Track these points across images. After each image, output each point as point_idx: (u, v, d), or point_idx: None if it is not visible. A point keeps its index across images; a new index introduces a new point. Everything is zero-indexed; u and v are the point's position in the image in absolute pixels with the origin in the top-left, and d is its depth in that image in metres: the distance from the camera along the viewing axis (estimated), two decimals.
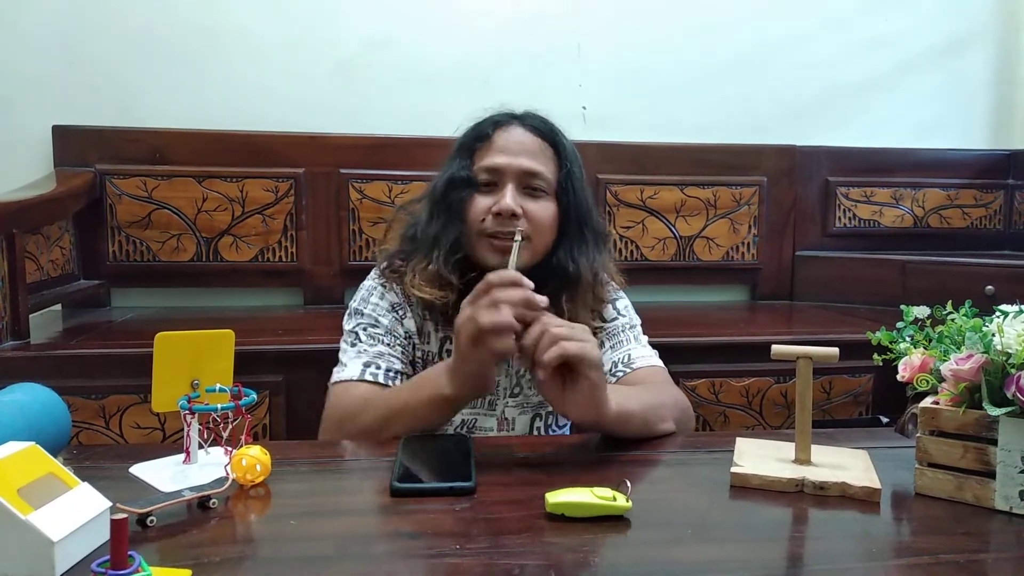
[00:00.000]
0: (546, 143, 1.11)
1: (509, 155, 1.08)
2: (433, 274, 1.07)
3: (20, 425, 0.78)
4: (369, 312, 1.11)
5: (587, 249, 1.11)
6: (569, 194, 1.10)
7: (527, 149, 1.09)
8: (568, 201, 1.10)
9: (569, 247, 1.10)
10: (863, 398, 1.83)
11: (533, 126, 1.12)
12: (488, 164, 1.08)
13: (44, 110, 2.08)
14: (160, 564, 0.59)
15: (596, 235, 1.14)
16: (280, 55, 2.21)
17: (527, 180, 1.07)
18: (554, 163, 1.11)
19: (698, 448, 0.93)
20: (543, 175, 1.08)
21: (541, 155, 1.10)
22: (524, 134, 1.10)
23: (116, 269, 2.10)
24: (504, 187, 1.06)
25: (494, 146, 1.09)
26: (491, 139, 1.10)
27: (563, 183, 1.10)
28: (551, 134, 1.12)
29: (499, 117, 1.13)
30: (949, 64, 2.55)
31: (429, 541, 0.65)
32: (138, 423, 1.56)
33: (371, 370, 1.05)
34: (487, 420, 1.14)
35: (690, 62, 2.41)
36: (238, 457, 0.77)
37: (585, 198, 1.13)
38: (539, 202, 1.08)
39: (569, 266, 1.09)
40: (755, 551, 0.64)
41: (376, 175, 2.19)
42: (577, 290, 1.09)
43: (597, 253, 1.13)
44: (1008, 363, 0.70)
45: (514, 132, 1.10)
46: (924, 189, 2.52)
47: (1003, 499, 0.71)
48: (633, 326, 1.18)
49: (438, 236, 1.09)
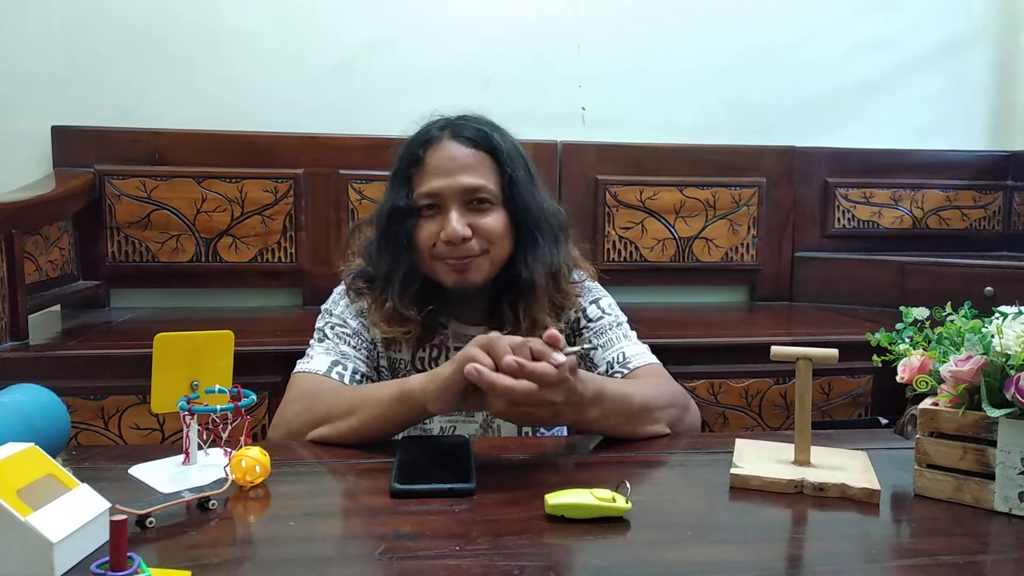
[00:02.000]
0: (482, 152, 1.06)
1: (446, 176, 1.03)
2: (391, 312, 1.06)
3: (19, 426, 0.78)
4: (338, 313, 1.12)
5: (542, 252, 1.08)
6: (516, 200, 1.06)
7: (463, 165, 1.04)
8: (515, 207, 1.06)
9: (522, 254, 1.07)
10: (862, 399, 1.83)
11: (466, 136, 1.06)
12: (426, 190, 1.03)
13: (43, 110, 2.08)
14: (159, 565, 0.59)
15: (553, 232, 1.10)
16: (280, 56, 2.21)
17: (469, 196, 1.04)
18: (494, 172, 1.06)
19: (697, 449, 0.93)
20: (485, 187, 1.04)
21: (479, 167, 1.05)
22: (458, 148, 1.05)
23: (115, 270, 2.09)
24: (448, 211, 1.03)
25: (428, 168, 1.04)
26: (423, 161, 1.05)
27: (507, 190, 1.06)
28: (486, 141, 1.06)
29: (431, 132, 1.07)
30: (948, 65, 2.56)
31: (429, 542, 0.65)
32: (137, 424, 1.56)
33: (338, 369, 1.05)
34: (467, 427, 1.13)
35: (689, 63, 2.41)
36: (237, 458, 0.77)
37: (534, 199, 1.08)
38: (488, 215, 1.04)
39: (522, 273, 1.06)
40: (754, 552, 0.64)
41: (376, 176, 2.19)
42: (534, 296, 1.07)
43: (555, 251, 1.10)
44: (1007, 364, 0.70)
45: (447, 149, 1.05)
46: (923, 190, 2.52)
47: (1002, 500, 0.71)
48: (620, 323, 1.16)
49: (390, 272, 1.06)
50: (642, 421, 0.94)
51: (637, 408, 0.94)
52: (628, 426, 0.93)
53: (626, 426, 0.93)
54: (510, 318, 1.08)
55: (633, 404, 0.93)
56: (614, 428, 0.92)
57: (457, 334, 1.13)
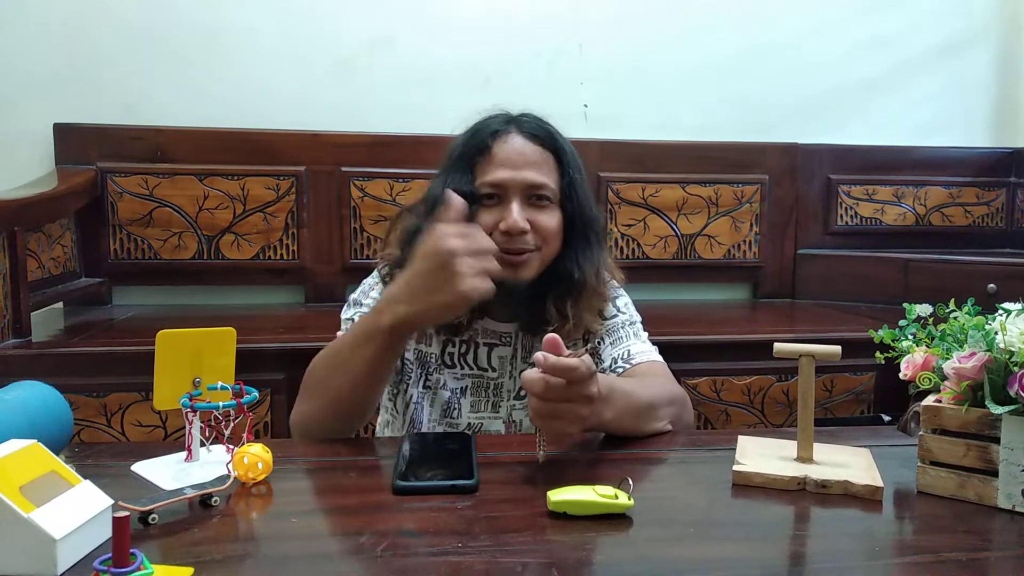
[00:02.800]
0: (547, 151, 1.08)
1: (512, 169, 1.04)
2: None
3: (22, 423, 0.78)
4: (368, 304, 1.11)
5: (591, 253, 1.10)
6: (573, 201, 1.08)
7: (530, 161, 1.06)
8: (572, 208, 1.08)
9: (574, 253, 1.09)
10: (865, 396, 1.83)
11: (532, 133, 1.08)
12: (491, 180, 1.05)
13: (45, 108, 2.08)
14: (162, 562, 0.59)
15: (598, 235, 1.13)
16: (282, 53, 2.21)
17: (532, 191, 1.05)
18: (556, 171, 1.08)
19: (700, 446, 0.93)
20: (547, 186, 1.06)
21: (544, 165, 1.07)
22: (524, 143, 1.07)
23: (117, 267, 2.10)
24: (509, 202, 1.04)
25: (495, 159, 1.05)
26: (491, 151, 1.06)
27: (566, 191, 1.08)
28: (551, 140, 1.09)
29: (497, 125, 1.08)
30: (951, 63, 2.55)
31: (431, 539, 0.64)
32: (140, 421, 1.56)
33: None
34: (493, 423, 1.14)
35: (691, 61, 2.41)
36: (240, 455, 0.76)
37: (588, 202, 1.11)
38: (545, 212, 1.06)
39: (575, 272, 1.08)
40: (757, 549, 0.64)
41: (377, 173, 2.19)
42: (582, 295, 1.09)
43: (599, 253, 1.13)
44: (1011, 361, 0.70)
45: (514, 142, 1.06)
46: (926, 187, 2.52)
47: (1006, 497, 0.71)
48: (633, 323, 1.17)
49: None
50: (648, 419, 0.95)
51: (644, 406, 0.94)
52: (636, 424, 0.93)
53: (634, 424, 0.93)
54: (555, 316, 1.08)
55: (641, 402, 0.94)
56: (624, 427, 0.92)
57: (486, 330, 1.13)
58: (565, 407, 0.78)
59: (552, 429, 0.80)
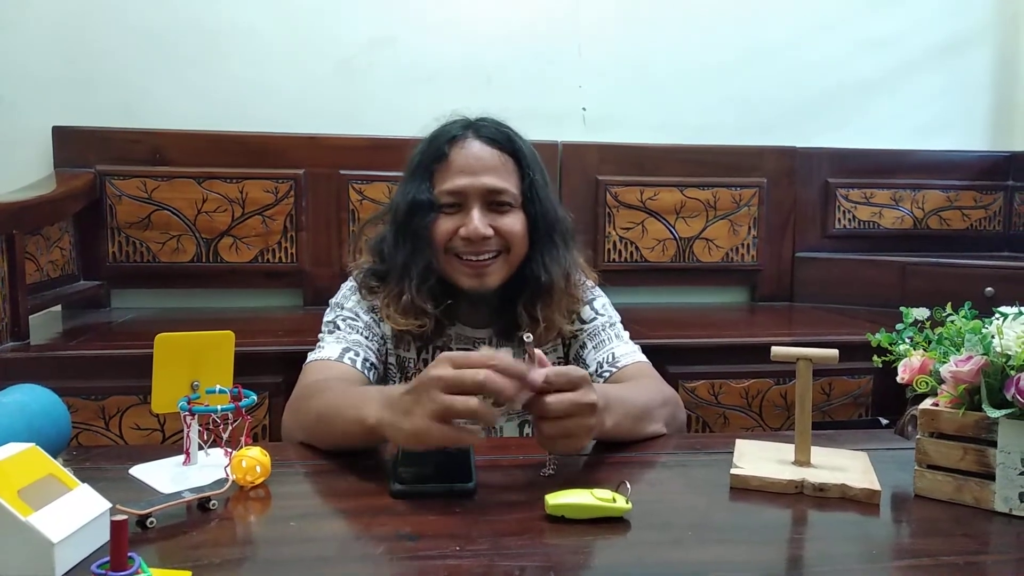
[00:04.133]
0: (506, 155, 1.07)
1: (470, 175, 1.04)
2: (408, 304, 1.06)
3: (20, 426, 0.78)
4: (349, 307, 1.11)
5: (557, 254, 1.09)
6: (535, 203, 1.08)
7: (488, 166, 1.05)
8: (535, 210, 1.08)
9: (540, 256, 1.08)
10: (863, 400, 1.83)
11: (490, 137, 1.07)
12: (450, 187, 1.05)
13: (44, 111, 2.08)
14: (160, 565, 0.59)
15: (564, 236, 1.12)
16: (280, 56, 2.21)
17: (492, 197, 1.05)
18: (516, 175, 1.07)
19: (698, 449, 0.93)
20: (508, 191, 1.06)
21: (503, 169, 1.06)
22: (482, 148, 1.06)
23: (116, 270, 2.10)
24: (470, 209, 1.04)
25: (453, 166, 1.05)
26: (448, 158, 1.06)
27: (528, 193, 1.08)
28: (510, 143, 1.08)
29: (454, 131, 1.08)
30: (949, 65, 2.56)
31: (429, 542, 0.65)
32: (138, 424, 1.56)
33: (349, 355, 1.05)
34: (507, 427, 1.14)
35: (690, 63, 2.41)
36: (238, 458, 0.77)
37: (551, 203, 1.10)
38: (507, 216, 1.06)
39: (542, 275, 1.07)
40: (755, 553, 0.64)
41: (376, 176, 2.19)
42: (552, 297, 1.08)
43: (567, 254, 1.11)
44: (1008, 365, 0.70)
45: (472, 147, 1.06)
46: (924, 190, 2.52)
47: (1003, 501, 0.71)
48: (613, 324, 1.16)
49: (407, 264, 1.06)
50: (645, 422, 0.95)
51: (641, 410, 0.94)
52: (635, 429, 0.93)
53: (633, 429, 0.93)
54: (526, 320, 1.07)
55: (637, 406, 0.94)
56: (623, 433, 0.92)
57: (460, 336, 1.13)
58: (574, 423, 0.76)
59: (566, 449, 0.79)
